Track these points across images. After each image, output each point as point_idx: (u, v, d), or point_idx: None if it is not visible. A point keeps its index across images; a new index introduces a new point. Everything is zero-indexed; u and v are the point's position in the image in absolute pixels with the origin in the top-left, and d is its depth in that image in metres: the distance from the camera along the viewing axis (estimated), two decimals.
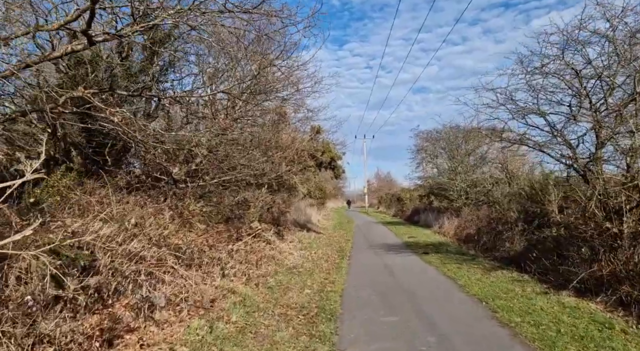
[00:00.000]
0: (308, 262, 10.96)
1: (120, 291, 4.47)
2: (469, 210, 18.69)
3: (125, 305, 4.29)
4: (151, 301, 4.76)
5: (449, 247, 14.57)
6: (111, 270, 4.55)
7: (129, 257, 4.89)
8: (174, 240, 7.08)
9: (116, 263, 4.71)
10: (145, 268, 5.01)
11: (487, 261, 11.45)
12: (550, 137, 8.63)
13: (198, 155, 10.99)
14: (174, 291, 5.28)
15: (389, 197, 45.49)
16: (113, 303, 4.24)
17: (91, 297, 3.96)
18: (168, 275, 5.43)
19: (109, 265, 4.60)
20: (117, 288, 4.41)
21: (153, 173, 10.67)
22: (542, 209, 12.01)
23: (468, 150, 20.26)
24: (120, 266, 4.71)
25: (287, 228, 14.37)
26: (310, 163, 13.40)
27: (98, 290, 4.08)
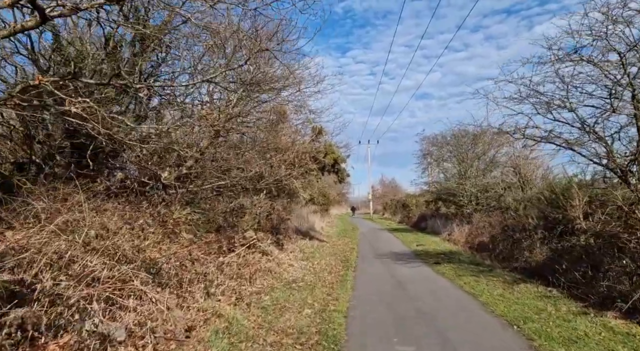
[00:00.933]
0: (309, 274, 9.86)
1: (61, 326, 3.42)
2: (480, 216, 17.54)
3: (64, 344, 3.23)
4: (106, 335, 3.70)
5: (462, 256, 13.43)
6: (51, 297, 3.50)
7: (80, 278, 3.85)
8: (151, 253, 6.04)
9: (61, 288, 3.66)
10: (101, 291, 3.95)
11: (507, 273, 10.31)
12: (580, 134, 7.52)
13: (189, 157, 10.04)
14: (140, 320, 4.21)
15: (394, 203, 44.30)
16: (47, 343, 3.19)
17: (11, 338, 2.93)
18: (134, 298, 4.37)
19: (50, 290, 3.56)
20: (55, 321, 3.36)
21: (141, 177, 9.69)
22: (565, 215, 10.91)
23: (478, 154, 19.14)
24: (65, 291, 3.66)
25: (287, 236, 13.29)
26: (312, 166, 12.35)
27: (22, 326, 3.04)
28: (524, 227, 12.43)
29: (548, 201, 11.72)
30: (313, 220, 22.10)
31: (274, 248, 10.73)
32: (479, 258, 12.85)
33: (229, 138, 10.61)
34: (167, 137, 9.93)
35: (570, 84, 7.09)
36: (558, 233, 10.51)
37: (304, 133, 13.24)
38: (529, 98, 7.69)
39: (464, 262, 12.16)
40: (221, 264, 7.35)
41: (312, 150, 12.67)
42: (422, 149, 31.55)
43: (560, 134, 7.67)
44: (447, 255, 13.71)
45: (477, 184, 18.56)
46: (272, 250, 10.25)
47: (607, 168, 7.39)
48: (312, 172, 12.72)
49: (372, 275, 10.35)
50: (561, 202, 10.96)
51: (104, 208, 7.34)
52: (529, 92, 7.61)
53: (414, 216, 30.60)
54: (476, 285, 8.82)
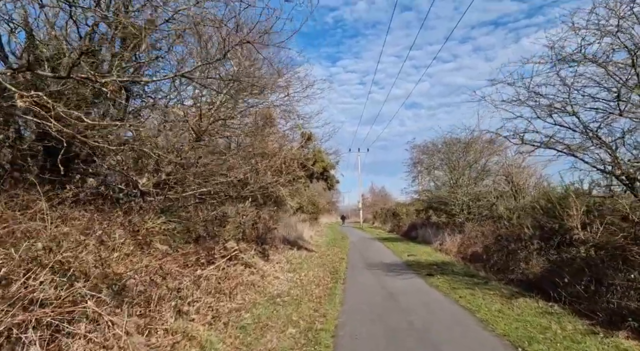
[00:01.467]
0: (296, 287, 9.23)
1: None
2: (472, 225, 17.07)
3: None
4: None
5: (455, 267, 12.89)
6: None
7: (14, 300, 3.21)
8: (117, 267, 5.39)
9: None
10: (41, 316, 3.31)
11: (503, 285, 9.77)
12: (583, 139, 7.06)
13: (169, 162, 9.42)
14: (92, 349, 3.57)
15: (384, 211, 43.81)
16: None
17: None
18: (86, 323, 3.72)
19: None
20: None
21: (117, 184, 9.04)
22: (562, 225, 10.45)
23: (469, 162, 18.72)
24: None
25: (274, 246, 12.65)
26: (300, 173, 11.76)
27: None
28: (519, 237, 11.94)
29: (544, 210, 11.26)
30: (302, 229, 21.46)
31: (259, 260, 10.09)
32: (473, 269, 12.32)
33: (212, 142, 10.00)
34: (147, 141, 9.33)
35: (572, 86, 6.65)
36: (555, 244, 10.03)
37: (292, 138, 12.71)
38: (528, 101, 7.25)
39: (458, 273, 11.61)
40: (198, 278, 6.71)
41: (300, 157, 12.11)
42: (413, 157, 31.17)
43: (562, 139, 7.19)
44: (439, 265, 13.16)
45: (469, 193, 18.11)
46: (256, 261, 9.61)
47: (612, 175, 6.91)
48: (300, 179, 12.16)
49: (362, 287, 9.75)
50: (558, 211, 10.52)
51: (71, 216, 6.70)
52: (528, 94, 7.15)
53: (404, 225, 30.10)
54: (472, 299, 8.27)
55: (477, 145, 18.69)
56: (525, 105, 7.34)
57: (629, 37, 5.73)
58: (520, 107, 7.41)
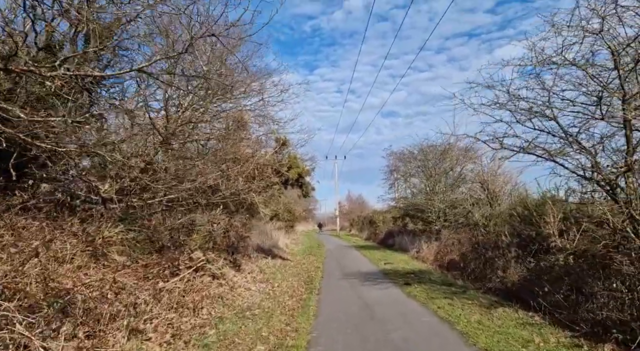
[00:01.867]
0: (268, 299, 8.75)
1: None
2: (449, 233, 16.91)
3: None
4: None
5: (432, 275, 12.62)
6: None
7: None
8: (65, 281, 4.83)
9: None
10: None
11: (481, 294, 9.52)
12: (563, 144, 6.87)
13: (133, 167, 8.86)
14: None
15: (361, 219, 43.60)
16: None
17: None
18: (13, 349, 3.18)
19: None
20: None
21: (75, 190, 8.42)
22: (539, 232, 10.32)
23: (446, 169, 18.63)
24: None
25: (246, 255, 12.11)
26: (274, 179, 11.30)
27: None
28: (496, 245, 11.77)
29: (521, 217, 11.12)
30: (277, 237, 20.94)
31: (230, 270, 9.56)
32: (451, 277, 12.06)
33: (180, 147, 9.47)
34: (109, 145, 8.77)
35: (552, 90, 6.46)
36: (533, 251, 9.86)
37: (266, 143, 12.26)
38: (508, 104, 7.02)
39: (435, 282, 11.33)
40: (159, 291, 6.16)
41: (274, 162, 11.66)
42: (390, 165, 31.10)
43: (542, 144, 6.98)
44: (417, 274, 12.87)
45: (446, 200, 17.98)
46: (226, 271, 9.09)
47: (592, 181, 6.73)
48: (275, 185, 11.70)
49: (337, 297, 9.33)
50: (535, 218, 10.38)
51: (21, 225, 6.12)
52: (508, 97, 6.93)
53: (381, 233, 29.88)
54: (451, 309, 7.95)
55: (453, 152, 18.63)
56: (505, 109, 7.12)
57: (612, 37, 5.57)
58: (500, 110, 7.18)
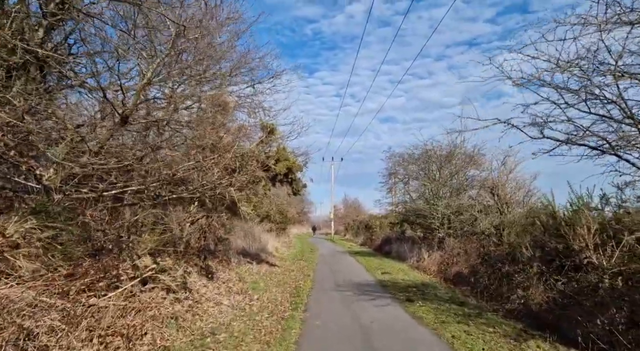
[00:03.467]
0: (241, 317, 7.01)
1: None
2: (454, 241, 15.22)
3: None
4: None
5: (437, 290, 10.90)
6: None
7: None
8: None
9: None
10: None
11: (502, 318, 7.83)
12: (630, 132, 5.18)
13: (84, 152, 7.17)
14: None
15: (356, 224, 41.83)
16: None
17: None
18: None
19: None
20: None
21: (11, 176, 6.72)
22: (568, 246, 8.66)
23: (452, 171, 16.94)
24: None
25: (224, 260, 10.37)
26: (259, 173, 9.57)
27: None
28: (513, 258, 10.09)
29: (545, 227, 9.44)
30: (266, 240, 19.19)
31: (198, 279, 7.82)
32: (460, 294, 10.35)
33: (142, 128, 7.76)
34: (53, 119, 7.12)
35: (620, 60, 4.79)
36: (565, 267, 8.18)
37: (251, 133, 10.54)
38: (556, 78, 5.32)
39: (443, 299, 9.61)
40: (82, 312, 4.43)
41: (259, 154, 9.97)
42: (389, 168, 29.43)
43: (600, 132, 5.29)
44: (419, 288, 11.15)
45: (451, 205, 16.29)
46: (193, 281, 7.35)
47: None
48: (260, 181, 10.02)
49: (327, 317, 7.60)
50: (563, 228, 8.72)
51: None
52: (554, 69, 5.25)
53: (377, 238, 28.13)
54: (470, 340, 6.25)
55: (459, 154, 16.97)
56: (549, 86, 5.45)
57: None
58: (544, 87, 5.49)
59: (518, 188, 15.13)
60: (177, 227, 7.78)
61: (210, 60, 8.70)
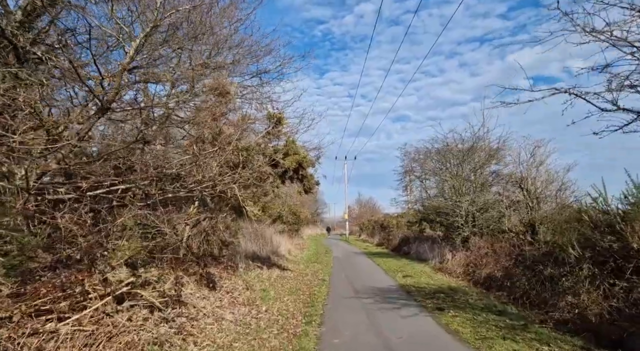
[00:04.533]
0: (246, 335, 5.88)
1: None
2: (479, 240, 13.89)
3: None
4: None
5: (468, 296, 9.63)
6: None
7: None
8: None
9: None
10: None
11: (553, 331, 6.56)
12: None
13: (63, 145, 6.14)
14: None
15: (371, 223, 40.50)
16: None
17: None
18: None
19: None
20: None
21: None
22: (625, 245, 7.38)
23: (475, 166, 15.59)
24: None
25: (229, 266, 9.26)
26: (265, 169, 8.43)
27: None
28: (555, 259, 8.78)
29: (595, 224, 8.13)
30: (279, 242, 18.08)
31: (197, 290, 6.72)
32: (495, 300, 9.07)
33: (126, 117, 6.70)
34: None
35: None
36: (629, 270, 6.87)
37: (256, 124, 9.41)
38: None
39: (477, 307, 8.36)
40: (31, 343, 3.34)
41: (266, 148, 8.86)
42: (404, 165, 28.17)
43: None
44: (447, 293, 9.90)
45: (476, 202, 14.95)
46: (189, 294, 6.25)
47: None
48: (267, 178, 8.92)
49: (346, 332, 6.43)
50: (619, 225, 7.44)
51: None
52: None
53: (394, 238, 26.82)
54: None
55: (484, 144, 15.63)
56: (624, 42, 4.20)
57: None
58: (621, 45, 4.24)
59: (550, 181, 13.75)
60: (172, 231, 6.69)
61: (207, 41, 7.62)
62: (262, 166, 8.08)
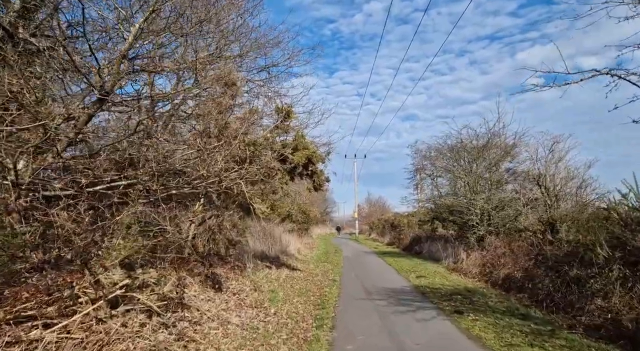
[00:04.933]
0: (253, 340, 5.47)
1: None
2: (495, 240, 13.34)
3: None
4: None
5: (488, 298, 9.12)
6: None
7: None
8: None
9: None
10: None
11: (582, 337, 6.05)
12: None
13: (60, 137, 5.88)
14: None
15: (381, 222, 39.94)
16: None
17: None
18: None
19: None
20: None
21: None
22: None
23: (492, 161, 15.00)
24: None
25: (237, 266, 8.87)
26: (273, 164, 8.01)
27: None
28: (581, 259, 8.24)
29: (625, 221, 7.59)
30: (287, 242, 17.67)
31: (201, 291, 6.33)
32: (516, 303, 8.55)
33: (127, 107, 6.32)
34: None
35: None
36: None
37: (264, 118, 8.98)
38: None
39: (498, 310, 7.86)
40: None
41: (274, 142, 8.45)
42: (415, 163, 27.57)
43: None
44: (465, 295, 9.40)
45: (492, 199, 14.39)
46: (192, 296, 5.86)
47: None
48: (275, 174, 8.50)
49: (360, 337, 5.99)
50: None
51: None
52: None
53: (405, 238, 26.28)
54: None
55: (500, 141, 15.06)
56: None
57: None
58: None
59: (569, 178, 13.16)
60: (175, 229, 6.30)
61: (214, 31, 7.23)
62: (270, 161, 7.67)
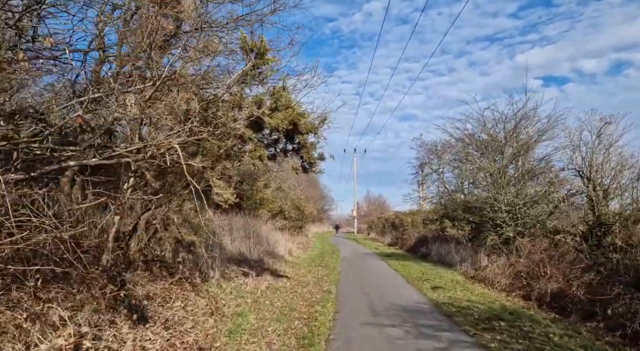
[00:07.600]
0: None
1: None
2: (530, 243, 10.60)
3: None
4: None
5: (541, 325, 6.36)
6: None
7: None
8: None
9: None
10: None
11: None
12: None
13: None
14: None
15: (381, 221, 37.15)
16: None
17: None
18: None
19: None
20: None
21: None
22: None
23: (521, 148, 12.18)
24: None
25: (187, 279, 6.10)
26: (236, 125, 5.22)
27: None
28: None
29: None
30: (276, 241, 14.91)
31: (105, 325, 3.59)
32: (591, 337, 5.80)
33: None
34: None
35: None
36: None
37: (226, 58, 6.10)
38: None
39: (567, 349, 5.12)
40: None
41: (243, 97, 5.69)
42: (419, 157, 24.91)
43: None
44: (506, 319, 6.66)
45: (524, 194, 11.63)
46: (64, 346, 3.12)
47: None
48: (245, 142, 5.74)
49: None
50: None
51: None
52: None
53: (409, 238, 23.51)
54: None
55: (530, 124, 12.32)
56: None
57: None
58: None
59: (622, 168, 10.42)
60: (52, 221, 3.56)
61: None
62: (228, 120, 4.91)
